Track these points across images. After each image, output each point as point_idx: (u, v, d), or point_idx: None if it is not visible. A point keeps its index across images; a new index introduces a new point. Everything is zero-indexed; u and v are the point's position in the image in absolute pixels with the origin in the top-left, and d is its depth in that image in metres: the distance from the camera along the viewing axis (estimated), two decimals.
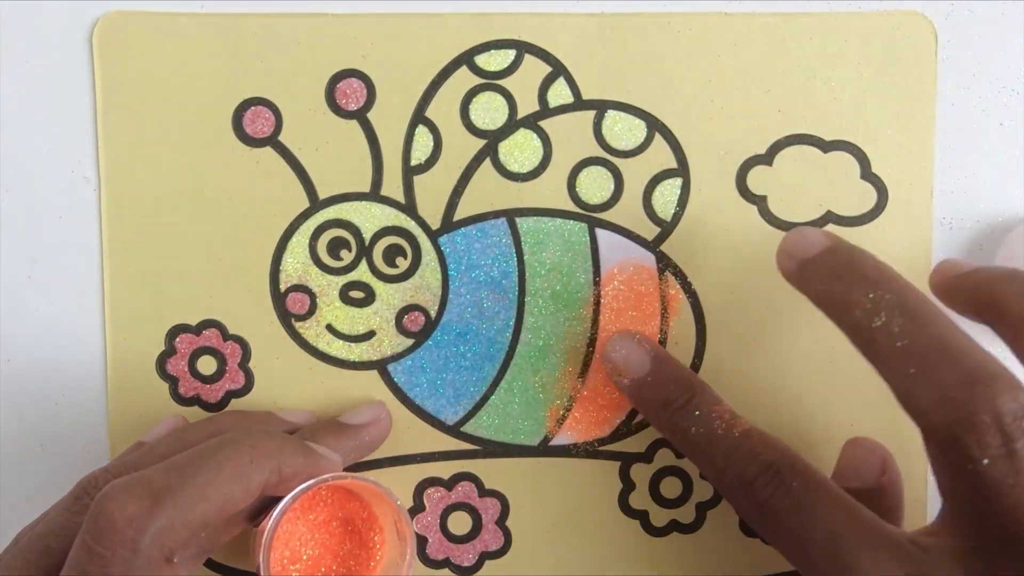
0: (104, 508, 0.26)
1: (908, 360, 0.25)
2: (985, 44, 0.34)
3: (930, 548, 0.26)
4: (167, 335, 0.34)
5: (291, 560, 0.32)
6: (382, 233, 0.34)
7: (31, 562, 0.27)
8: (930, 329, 0.26)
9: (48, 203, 0.34)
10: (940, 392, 0.24)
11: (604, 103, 0.34)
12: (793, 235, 0.29)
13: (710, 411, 0.30)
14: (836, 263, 0.28)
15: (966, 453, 0.24)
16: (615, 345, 0.33)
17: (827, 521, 0.27)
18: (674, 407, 0.31)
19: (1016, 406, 0.24)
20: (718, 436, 0.30)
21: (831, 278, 0.28)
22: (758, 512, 0.28)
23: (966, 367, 0.25)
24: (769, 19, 0.34)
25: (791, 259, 0.29)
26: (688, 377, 0.32)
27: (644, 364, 0.32)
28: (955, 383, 0.24)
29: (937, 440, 0.25)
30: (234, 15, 0.33)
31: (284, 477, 0.28)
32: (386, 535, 0.32)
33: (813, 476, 0.28)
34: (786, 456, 0.28)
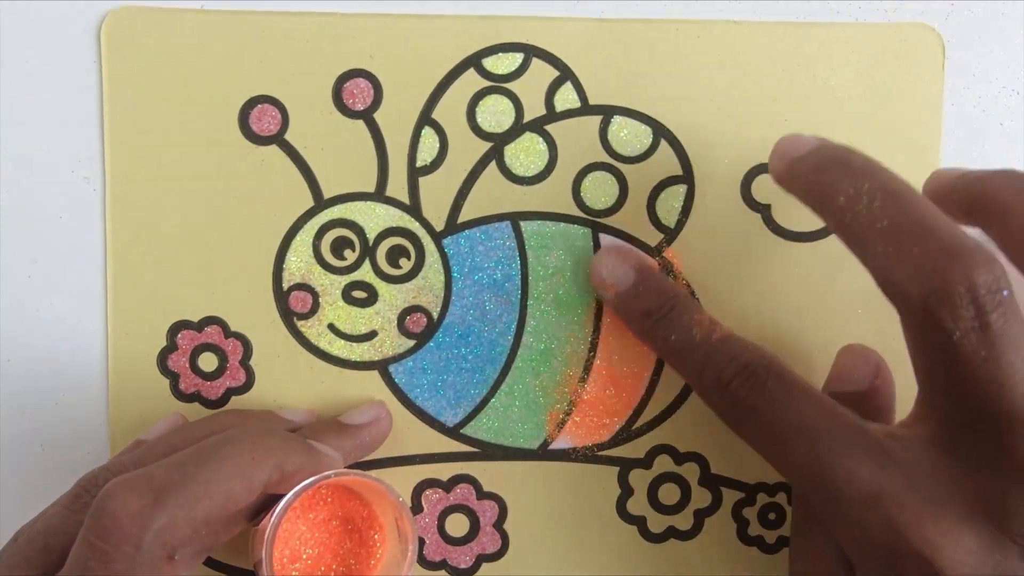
0: (107, 505, 0.26)
1: (888, 239, 0.25)
2: (985, 44, 0.34)
3: (904, 438, 0.26)
4: (169, 331, 0.34)
5: (291, 559, 0.32)
6: (386, 233, 0.34)
7: (31, 559, 0.27)
8: (911, 211, 0.26)
9: (49, 203, 0.34)
10: (918, 267, 0.24)
11: (611, 108, 0.34)
12: (785, 137, 0.29)
13: (691, 319, 0.31)
14: (824, 157, 0.28)
15: (940, 326, 0.24)
16: (601, 259, 0.33)
17: (801, 416, 0.27)
18: (655, 316, 0.31)
19: (991, 278, 0.24)
20: (697, 342, 0.30)
21: (818, 171, 0.28)
22: (734, 410, 0.29)
23: (944, 242, 0.25)
24: (777, 28, 0.34)
25: (781, 160, 0.29)
26: (671, 288, 0.32)
27: (629, 276, 0.32)
28: (932, 256, 0.24)
29: (912, 314, 0.25)
30: (242, 12, 0.33)
31: (285, 475, 0.28)
32: (386, 534, 0.32)
33: (789, 374, 0.28)
34: (763, 356, 0.29)
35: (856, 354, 0.32)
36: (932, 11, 0.34)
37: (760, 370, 0.28)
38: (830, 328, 0.34)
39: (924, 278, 0.24)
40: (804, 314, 0.34)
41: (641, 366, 0.34)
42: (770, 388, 0.28)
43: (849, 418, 0.27)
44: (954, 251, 0.24)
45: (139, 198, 0.34)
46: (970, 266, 0.24)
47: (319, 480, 0.29)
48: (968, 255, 0.24)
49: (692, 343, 0.30)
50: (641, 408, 0.35)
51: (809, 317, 0.34)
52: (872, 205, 0.26)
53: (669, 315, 0.31)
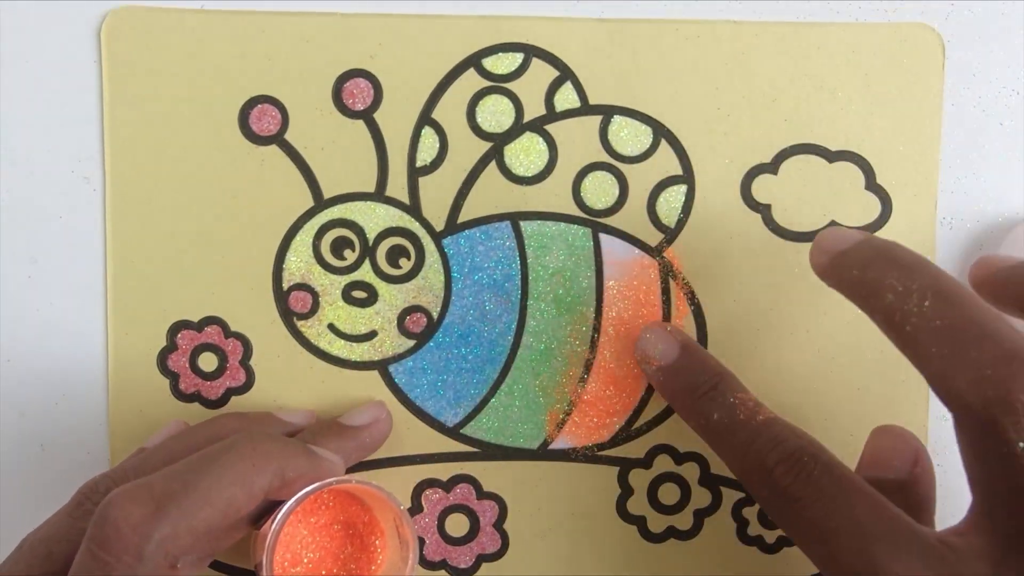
0: (108, 515, 0.26)
1: (943, 341, 0.24)
2: (985, 44, 0.34)
3: (959, 549, 0.25)
4: (169, 331, 0.34)
5: (292, 563, 0.32)
6: (386, 234, 0.34)
7: (33, 567, 0.27)
8: (966, 311, 0.25)
9: (49, 203, 0.34)
10: (977, 372, 0.24)
11: (611, 108, 0.34)
12: (828, 232, 0.29)
13: (734, 398, 0.30)
14: (869, 252, 0.27)
15: (1002, 435, 0.23)
16: (646, 333, 0.33)
17: (852, 512, 0.25)
18: (699, 393, 0.31)
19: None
20: (740, 422, 0.29)
21: (864, 267, 0.27)
22: (779, 500, 0.27)
23: (1004, 347, 0.24)
24: (777, 29, 0.34)
25: (824, 254, 0.28)
26: (715, 366, 0.31)
27: (673, 351, 0.32)
28: (992, 362, 0.23)
29: (972, 423, 0.24)
30: (242, 12, 0.33)
31: (286, 480, 0.28)
32: (387, 538, 0.32)
33: (838, 466, 0.27)
34: (810, 444, 0.27)
35: (894, 437, 0.31)
36: (932, 11, 0.34)
37: (808, 458, 0.27)
38: (830, 328, 0.34)
39: (985, 385, 0.23)
40: (804, 314, 0.34)
41: None
42: (816, 478, 0.26)
43: (903, 520, 0.26)
44: (1016, 357, 0.23)
45: (139, 198, 0.34)
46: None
47: (320, 487, 0.29)
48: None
49: (735, 423, 0.29)
50: (641, 408, 0.35)
51: (809, 317, 0.34)
52: (923, 304, 0.25)
53: (712, 392, 0.30)
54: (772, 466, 0.27)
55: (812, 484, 0.26)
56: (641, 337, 0.33)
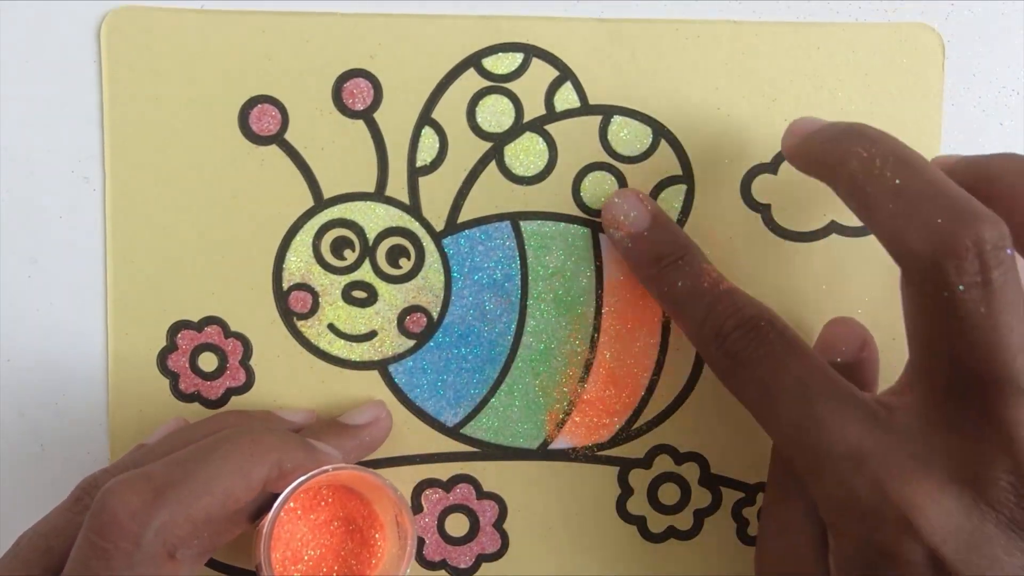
0: (107, 503, 0.26)
1: (898, 198, 0.26)
2: (985, 44, 0.34)
3: (893, 406, 0.27)
4: (169, 331, 0.34)
5: (292, 560, 0.32)
6: (386, 233, 0.34)
7: (32, 562, 0.27)
8: (923, 173, 0.26)
9: (49, 203, 0.34)
10: (926, 223, 0.25)
11: (611, 108, 0.34)
12: (800, 118, 0.30)
13: (699, 268, 0.31)
14: (837, 129, 0.29)
15: (944, 279, 0.24)
16: (618, 198, 0.33)
17: (798, 372, 0.27)
18: (665, 262, 0.31)
19: (997, 235, 0.24)
20: (703, 289, 0.30)
21: (831, 141, 0.28)
22: (731, 363, 0.29)
23: (953, 201, 0.25)
24: (777, 28, 0.34)
25: (795, 136, 0.30)
26: (683, 238, 0.32)
27: (644, 219, 0.32)
28: (942, 213, 0.25)
29: (918, 269, 0.25)
30: (242, 12, 0.33)
31: (284, 472, 0.28)
32: (387, 532, 0.32)
33: (790, 332, 0.29)
34: (766, 313, 0.29)
35: (844, 325, 0.32)
36: (932, 11, 0.34)
37: (764, 323, 0.29)
38: None
39: (933, 232, 0.25)
40: (804, 314, 0.34)
41: (641, 366, 0.34)
42: (770, 341, 0.28)
43: (844, 383, 0.27)
44: (964, 208, 0.25)
45: (139, 198, 0.34)
46: (978, 222, 0.24)
47: (317, 474, 0.29)
48: (977, 213, 0.25)
49: (697, 291, 0.30)
50: (641, 408, 0.35)
51: (809, 317, 0.34)
52: (885, 167, 0.26)
53: (679, 262, 0.31)
54: (730, 331, 0.29)
55: (764, 346, 0.28)
56: (611, 201, 0.33)
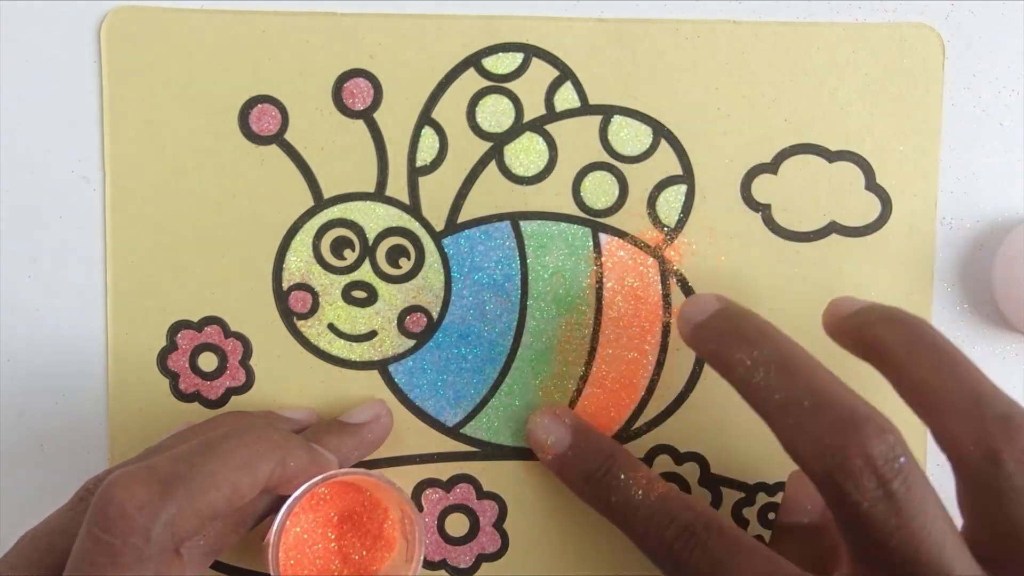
0: (113, 496, 0.25)
1: (786, 412, 0.26)
2: (985, 44, 0.34)
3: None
4: (169, 331, 0.34)
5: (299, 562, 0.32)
6: (386, 233, 0.34)
7: (34, 561, 0.27)
8: (802, 380, 0.26)
9: (48, 203, 0.34)
10: (816, 441, 0.25)
11: (611, 108, 0.34)
12: (688, 302, 0.30)
13: (628, 477, 0.31)
14: (721, 326, 0.29)
15: (848, 499, 0.25)
16: (536, 422, 0.33)
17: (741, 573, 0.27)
18: (595, 479, 0.32)
19: (885, 447, 0.25)
20: (637, 502, 0.31)
21: (718, 341, 0.29)
22: (677, 571, 0.29)
23: (837, 414, 0.25)
24: (777, 28, 0.34)
25: (687, 324, 0.30)
26: (607, 447, 0.32)
27: (565, 439, 0.33)
28: (828, 431, 0.25)
29: (822, 488, 0.25)
30: (242, 12, 0.33)
31: (288, 472, 0.28)
32: (395, 532, 0.32)
33: (729, 532, 0.29)
34: (702, 515, 0.29)
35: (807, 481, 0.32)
36: (932, 11, 0.34)
37: (700, 529, 0.29)
38: None
39: (824, 452, 0.25)
40: (803, 314, 0.34)
41: (641, 366, 0.34)
42: (710, 547, 0.28)
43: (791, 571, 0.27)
44: (847, 424, 0.25)
45: (139, 198, 0.34)
46: (865, 437, 0.25)
47: (328, 478, 0.29)
48: (861, 427, 0.25)
49: (632, 504, 0.31)
50: (641, 408, 0.35)
51: (809, 317, 0.34)
52: (768, 376, 0.27)
53: (606, 476, 0.32)
54: (671, 542, 0.29)
55: (707, 553, 0.28)
56: (532, 424, 0.34)
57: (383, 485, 0.31)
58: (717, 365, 0.29)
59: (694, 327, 0.29)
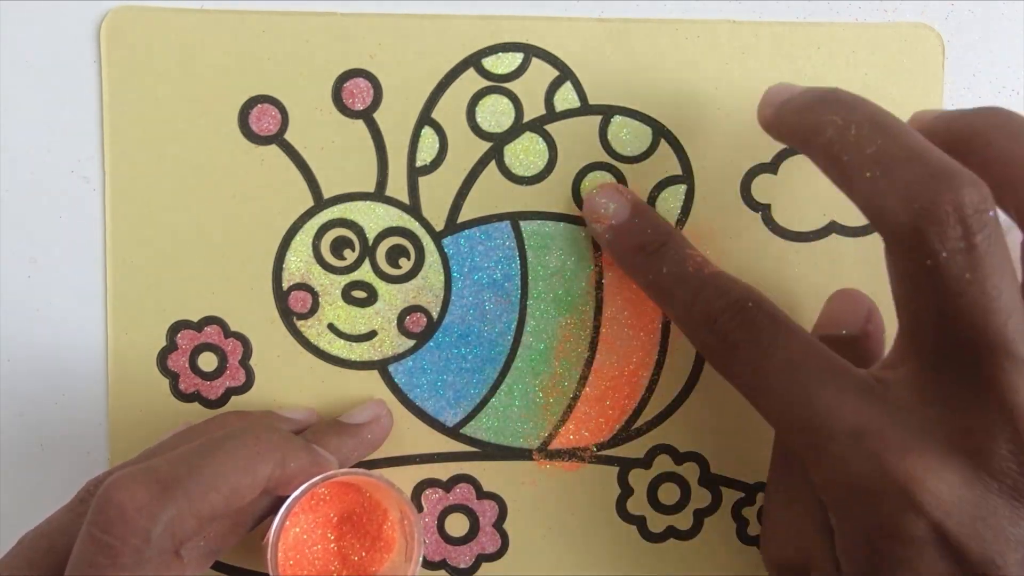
0: (113, 497, 0.25)
1: (876, 164, 0.25)
2: (985, 44, 0.34)
3: (886, 380, 0.26)
4: (168, 331, 0.34)
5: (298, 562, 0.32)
6: (386, 233, 0.34)
7: (34, 561, 0.27)
8: (898, 137, 0.25)
9: (49, 203, 0.34)
10: (905, 188, 0.24)
11: (611, 108, 0.34)
12: (774, 86, 0.29)
13: (683, 254, 0.31)
14: (811, 96, 0.28)
15: (927, 246, 0.24)
16: (596, 193, 0.33)
17: (787, 351, 0.27)
18: (649, 250, 0.31)
19: (978, 198, 0.24)
20: (689, 274, 0.30)
21: (806, 109, 0.28)
22: (720, 346, 0.28)
23: (932, 164, 0.24)
24: (777, 28, 0.34)
25: (770, 106, 0.29)
26: (664, 224, 0.32)
27: (625, 210, 0.32)
28: (920, 178, 0.24)
29: (899, 238, 0.24)
30: (242, 12, 0.33)
31: (288, 473, 0.28)
32: (394, 532, 0.32)
33: (778, 312, 0.28)
34: (754, 293, 0.29)
35: (848, 299, 0.32)
36: (932, 11, 0.34)
37: (751, 305, 0.28)
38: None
39: (912, 199, 0.24)
40: (803, 314, 0.34)
41: (641, 366, 0.34)
42: (759, 323, 0.28)
43: (835, 358, 0.27)
44: (942, 172, 0.24)
45: (139, 198, 0.34)
46: (958, 185, 0.24)
47: (327, 478, 0.29)
48: (956, 175, 0.24)
49: (683, 276, 0.30)
50: (641, 408, 0.35)
51: (809, 317, 0.34)
52: (860, 134, 0.26)
53: (662, 249, 0.31)
54: (717, 314, 0.28)
55: (753, 328, 0.28)
56: (591, 197, 0.33)
57: (382, 485, 0.31)
58: (804, 133, 0.27)
59: (779, 104, 0.29)
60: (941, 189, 0.24)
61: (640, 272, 0.32)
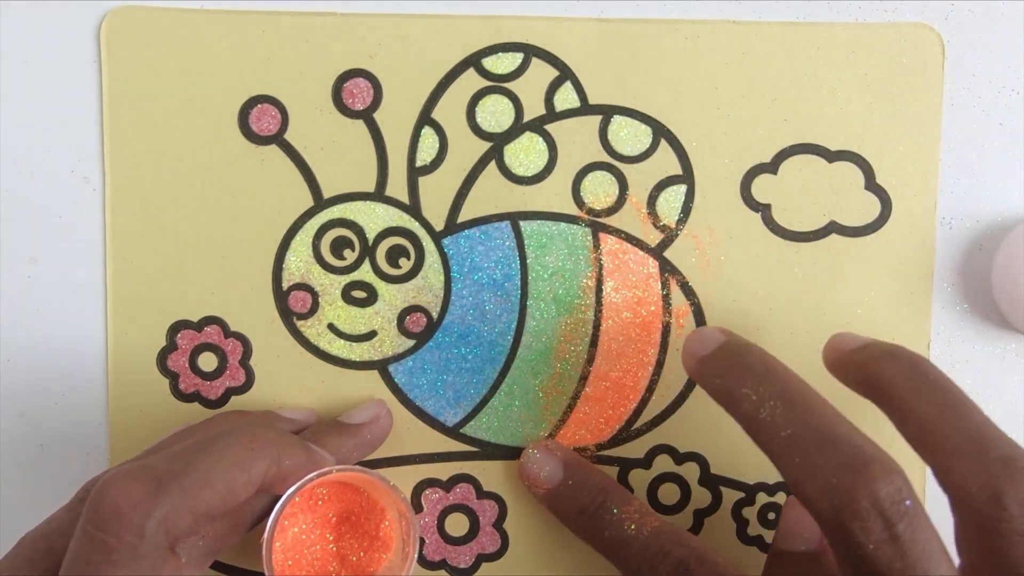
0: (107, 494, 0.25)
1: (792, 449, 0.26)
2: (985, 44, 0.34)
3: None
4: (168, 331, 0.34)
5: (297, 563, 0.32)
6: (386, 233, 0.34)
7: (34, 561, 0.27)
8: (809, 418, 0.26)
9: (49, 203, 0.34)
10: (823, 481, 0.25)
11: (610, 108, 0.34)
12: (692, 335, 0.30)
13: (621, 512, 0.31)
14: (726, 360, 0.29)
15: (854, 540, 0.25)
16: (529, 456, 0.34)
17: None
18: (588, 513, 0.32)
19: (892, 490, 0.25)
20: (630, 537, 0.31)
21: (723, 375, 0.29)
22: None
23: (845, 454, 0.25)
24: (777, 28, 0.34)
25: (691, 358, 0.30)
26: (599, 481, 0.33)
27: (557, 472, 0.33)
28: (835, 470, 0.25)
29: (827, 528, 0.25)
30: (242, 12, 0.33)
31: (284, 470, 0.28)
32: (392, 532, 0.32)
33: (722, 569, 0.29)
34: (695, 551, 0.30)
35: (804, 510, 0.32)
36: (932, 11, 0.34)
37: (693, 565, 0.29)
38: (829, 328, 0.34)
39: (831, 493, 0.25)
40: (803, 314, 0.34)
41: (641, 366, 0.34)
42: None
43: None
44: (855, 462, 0.25)
45: (139, 198, 0.34)
46: (872, 479, 0.25)
47: (323, 474, 0.29)
48: (869, 465, 0.25)
49: (625, 539, 0.31)
50: (641, 408, 0.35)
51: (808, 317, 0.34)
52: (775, 412, 0.27)
53: (600, 511, 0.32)
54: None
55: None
56: (525, 458, 0.34)
57: (378, 482, 0.31)
58: (722, 399, 0.29)
59: (699, 361, 0.29)
60: (856, 483, 0.25)
61: (585, 535, 0.32)
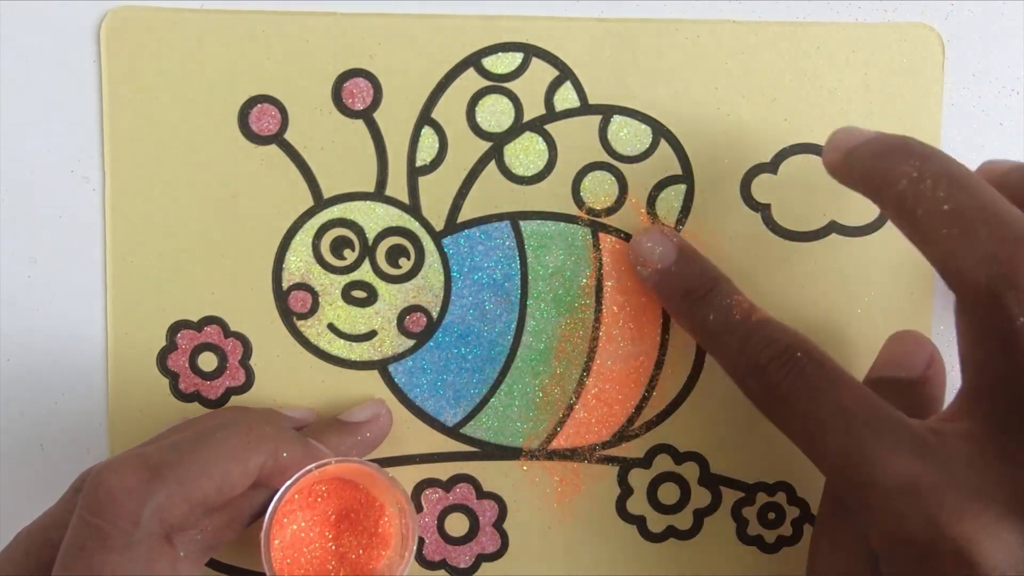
0: (103, 481, 0.25)
1: (953, 222, 0.25)
2: (985, 44, 0.34)
3: (944, 432, 0.26)
4: (168, 330, 0.34)
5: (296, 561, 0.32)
6: (385, 233, 0.34)
7: (31, 553, 0.27)
8: (976, 195, 0.25)
9: (49, 203, 0.34)
10: (984, 250, 0.24)
11: (610, 108, 0.34)
12: (841, 130, 0.29)
13: (729, 300, 0.30)
14: (883, 144, 0.27)
15: (1004, 311, 0.23)
16: (643, 237, 0.33)
17: (839, 401, 0.26)
18: (695, 296, 0.31)
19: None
20: (736, 322, 0.30)
21: (877, 156, 0.27)
22: (770, 395, 0.28)
23: (1012, 227, 0.24)
24: (777, 28, 0.34)
25: (837, 151, 0.28)
26: (711, 269, 0.32)
27: (671, 255, 0.32)
28: (1000, 242, 0.24)
29: (974, 299, 0.24)
30: (242, 12, 0.33)
31: (281, 464, 0.28)
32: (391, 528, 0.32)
33: (828, 361, 0.28)
34: (802, 342, 0.28)
35: (910, 341, 0.32)
36: (932, 11, 0.34)
37: (800, 353, 0.28)
38: (830, 328, 0.34)
39: (990, 262, 0.24)
40: (804, 314, 0.34)
41: (641, 366, 0.34)
42: (808, 373, 0.27)
43: (888, 408, 0.26)
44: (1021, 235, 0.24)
45: (139, 198, 0.34)
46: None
47: (321, 466, 0.29)
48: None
49: (730, 324, 0.30)
50: (641, 408, 0.35)
51: (809, 317, 0.34)
52: (936, 188, 0.25)
53: (708, 295, 0.31)
54: (765, 363, 0.28)
55: (803, 378, 0.27)
56: (638, 241, 0.33)
57: (377, 475, 0.31)
58: (874, 182, 0.27)
59: (848, 150, 0.28)
60: (1021, 254, 0.24)
61: (686, 318, 0.31)
